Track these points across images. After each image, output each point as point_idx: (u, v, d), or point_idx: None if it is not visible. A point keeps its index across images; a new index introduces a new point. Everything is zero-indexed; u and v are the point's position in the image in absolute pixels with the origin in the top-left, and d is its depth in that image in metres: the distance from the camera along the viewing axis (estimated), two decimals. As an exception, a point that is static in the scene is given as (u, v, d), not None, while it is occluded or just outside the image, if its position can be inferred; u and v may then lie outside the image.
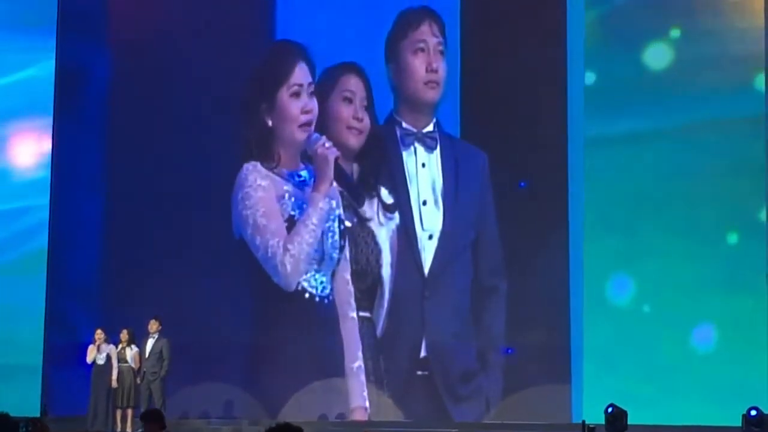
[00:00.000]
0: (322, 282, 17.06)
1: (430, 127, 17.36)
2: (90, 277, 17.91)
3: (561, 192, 16.84)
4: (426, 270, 17.09)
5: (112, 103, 18.19)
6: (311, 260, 17.03)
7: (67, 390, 17.20)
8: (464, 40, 17.28)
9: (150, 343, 16.10)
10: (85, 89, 18.18)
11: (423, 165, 17.29)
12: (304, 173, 17.23)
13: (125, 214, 17.81)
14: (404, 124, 17.36)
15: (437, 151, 17.32)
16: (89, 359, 16.06)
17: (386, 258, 17.19)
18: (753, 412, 13.74)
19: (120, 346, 16.17)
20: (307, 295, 17.08)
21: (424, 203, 17.21)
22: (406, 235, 17.18)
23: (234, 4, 17.90)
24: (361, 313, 17.09)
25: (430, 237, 17.17)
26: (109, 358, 16.05)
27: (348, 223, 17.21)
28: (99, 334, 16.07)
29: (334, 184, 17.13)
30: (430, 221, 17.20)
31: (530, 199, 16.96)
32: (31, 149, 18.06)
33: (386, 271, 17.18)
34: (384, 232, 17.24)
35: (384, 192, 17.29)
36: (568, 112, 16.88)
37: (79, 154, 17.99)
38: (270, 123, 17.30)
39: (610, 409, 13.92)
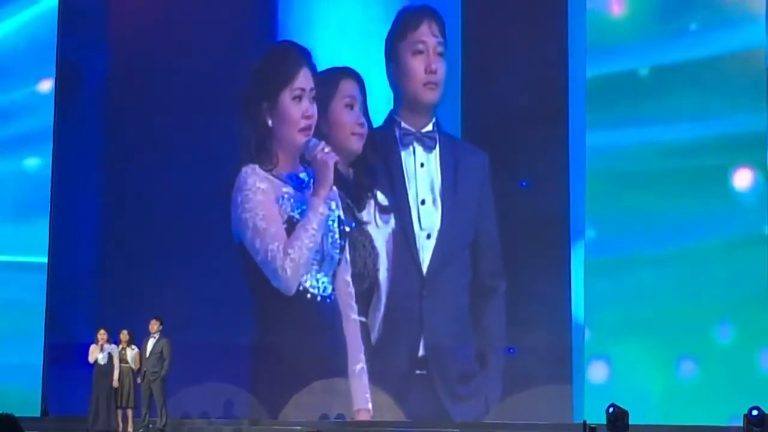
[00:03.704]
0: (323, 282, 17.06)
1: (429, 127, 17.36)
2: (90, 278, 17.88)
3: (562, 192, 16.84)
4: (424, 269, 17.08)
5: (112, 102, 18.14)
6: (311, 263, 17.02)
7: (67, 390, 17.19)
8: (465, 39, 17.27)
9: (151, 343, 16.03)
10: (86, 89, 18.13)
11: (422, 165, 17.29)
12: (303, 175, 17.23)
13: (125, 213, 17.78)
14: (403, 124, 17.36)
15: (436, 151, 17.31)
16: (91, 359, 15.99)
17: (384, 261, 17.18)
18: (754, 412, 13.76)
19: (120, 347, 16.12)
20: (308, 296, 17.08)
21: (423, 202, 17.20)
22: (404, 235, 17.18)
23: (234, 3, 17.87)
24: (358, 317, 17.08)
25: (429, 236, 17.16)
26: (111, 358, 15.98)
27: (347, 228, 17.20)
28: (101, 334, 15.99)
29: (333, 187, 17.14)
30: (428, 221, 17.19)
31: (531, 199, 16.94)
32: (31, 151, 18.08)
33: (383, 275, 17.16)
34: (381, 235, 17.23)
35: (380, 195, 17.29)
36: (569, 112, 16.88)
37: (80, 155, 17.94)
38: (270, 123, 17.31)
39: (611, 409, 13.94)
